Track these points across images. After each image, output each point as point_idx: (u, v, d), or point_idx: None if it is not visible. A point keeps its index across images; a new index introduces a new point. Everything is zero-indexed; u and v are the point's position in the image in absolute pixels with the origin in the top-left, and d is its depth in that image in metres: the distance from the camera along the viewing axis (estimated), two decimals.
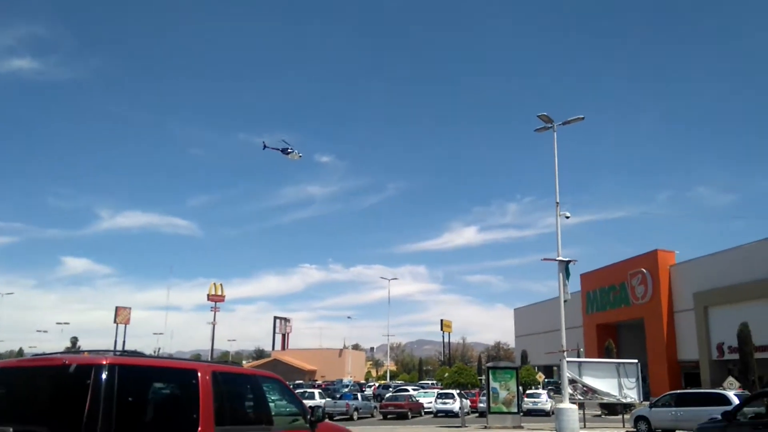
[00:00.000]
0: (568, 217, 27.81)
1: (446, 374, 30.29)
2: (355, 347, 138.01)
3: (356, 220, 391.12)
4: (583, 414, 28.05)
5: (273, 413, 6.63)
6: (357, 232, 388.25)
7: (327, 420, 8.15)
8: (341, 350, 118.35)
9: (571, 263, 27.11)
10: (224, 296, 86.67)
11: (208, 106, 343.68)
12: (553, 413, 27.73)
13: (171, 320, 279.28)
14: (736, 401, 22.68)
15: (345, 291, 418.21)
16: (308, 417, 7.18)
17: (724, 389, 26.30)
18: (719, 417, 13.52)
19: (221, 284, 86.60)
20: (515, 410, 27.26)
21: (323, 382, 73.96)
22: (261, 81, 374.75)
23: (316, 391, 38.73)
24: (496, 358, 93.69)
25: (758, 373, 34.33)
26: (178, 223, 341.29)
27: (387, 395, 41.65)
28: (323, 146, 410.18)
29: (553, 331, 27.21)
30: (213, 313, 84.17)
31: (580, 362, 29.41)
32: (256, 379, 6.60)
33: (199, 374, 5.60)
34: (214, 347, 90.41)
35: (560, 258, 26.79)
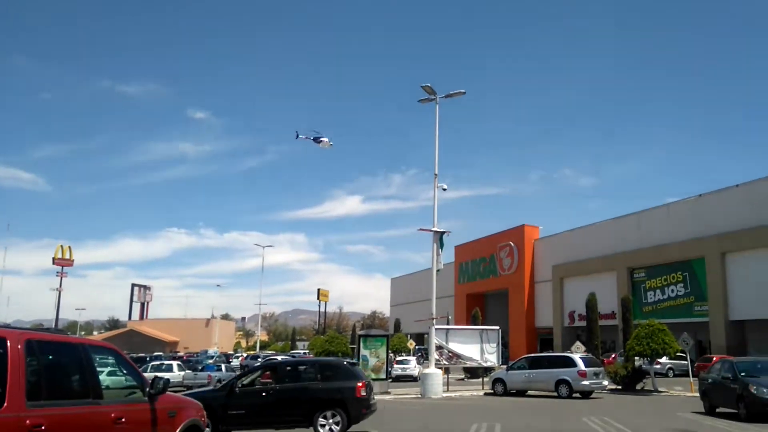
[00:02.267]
0: (445, 189, 28.96)
1: (318, 343, 30.44)
2: (225, 317, 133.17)
3: (233, 183, 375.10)
4: (447, 378, 29.42)
5: (104, 386, 6.25)
6: (233, 196, 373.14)
7: (170, 392, 7.79)
8: (208, 320, 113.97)
9: (446, 234, 28.22)
10: (73, 260, 78.26)
11: (65, 43, 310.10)
12: (419, 378, 28.84)
13: (8, 285, 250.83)
14: (581, 363, 24.82)
15: (217, 258, 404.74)
16: (147, 389, 6.86)
17: (572, 353, 28.52)
18: (218, 386, 14.57)
19: (69, 247, 77.79)
20: (383, 377, 27.97)
21: (185, 353, 71.18)
22: (130, 21, 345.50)
23: (175, 363, 36.98)
24: (370, 327, 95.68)
25: (601, 338, 37.54)
26: (20, 176, 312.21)
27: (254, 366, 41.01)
28: (198, 100, 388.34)
29: (426, 300, 28.20)
30: (59, 278, 76.79)
31: (447, 329, 30.75)
32: (83, 348, 6.04)
33: (8, 343, 4.98)
34: (60, 317, 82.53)
35: (435, 229, 27.72)
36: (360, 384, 12.94)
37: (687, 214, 42.95)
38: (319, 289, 69.51)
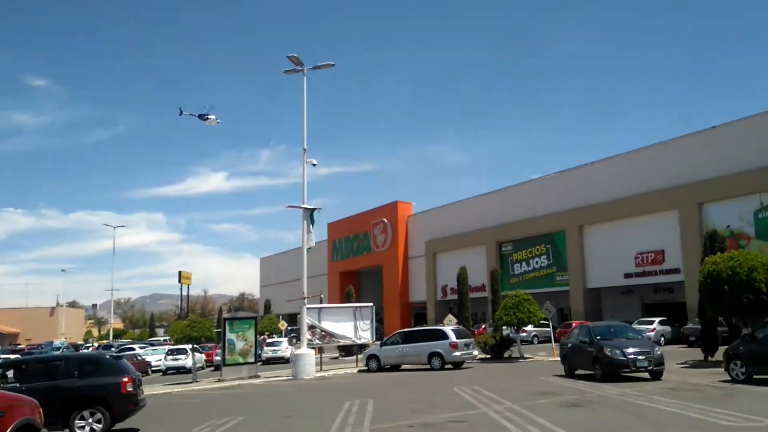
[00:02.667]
0: (315, 165, 28.19)
1: (178, 329, 28.63)
2: (72, 305, 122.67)
3: (78, 158, 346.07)
4: (320, 358, 28.98)
5: None
6: (79, 172, 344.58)
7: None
8: (53, 308, 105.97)
9: (316, 211, 27.53)
10: None
11: None
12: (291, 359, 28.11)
13: None
14: (452, 335, 25.16)
15: (61, 240, 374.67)
16: None
17: (444, 325, 28.95)
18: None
19: None
20: (252, 360, 27.01)
21: (27, 346, 65.74)
22: None
23: (12, 357, 34.07)
24: (239, 309, 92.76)
25: (472, 310, 38.62)
26: None
27: None
28: (37, 66, 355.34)
29: (298, 280, 27.39)
30: None
31: (319, 308, 30.12)
32: None
33: None
34: None
35: (305, 206, 26.99)
36: (126, 379, 12.12)
37: (549, 190, 45.04)
38: (180, 272, 66.01)
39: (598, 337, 17.63)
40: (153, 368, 37.82)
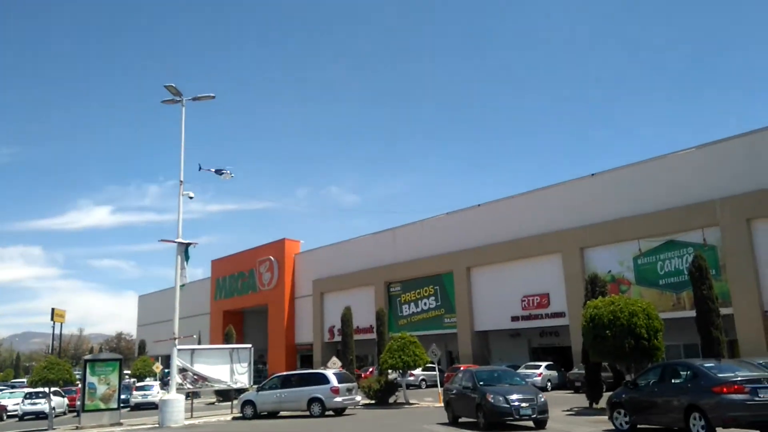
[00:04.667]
0: (191, 197, 26.92)
1: (36, 370, 26.10)
2: None
3: None
4: (192, 403, 26.94)
5: None
6: None
7: None
8: None
9: (191, 246, 26.03)
10: None
11: None
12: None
13: None
14: (333, 379, 23.79)
15: None
16: None
17: (326, 369, 27.53)
18: None
19: None
20: (114, 406, 24.56)
21: None
22: None
23: None
24: (115, 350, 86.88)
25: (360, 352, 37.40)
26: None
27: None
28: None
29: (179, 319, 25.56)
30: None
31: (192, 349, 27.91)
32: None
33: None
34: None
35: (180, 240, 25.48)
36: None
37: (438, 230, 45.08)
38: (53, 309, 61.01)
39: (481, 383, 16.85)
40: (9, 413, 34.71)
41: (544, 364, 33.35)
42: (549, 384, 31.71)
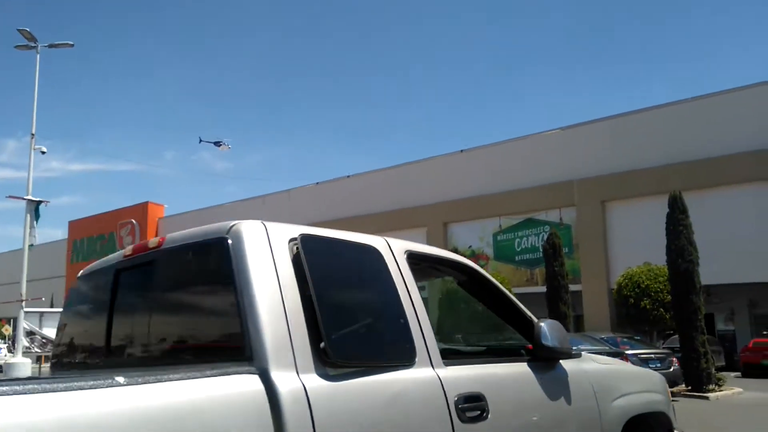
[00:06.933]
0: (43, 152, 26.50)
1: None
2: None
3: None
4: (40, 367, 25.55)
5: None
6: None
7: None
8: None
9: (43, 204, 25.16)
10: None
11: None
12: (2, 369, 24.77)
13: None
14: None
15: None
16: None
17: None
18: None
19: None
20: None
21: None
22: None
23: None
24: None
25: None
26: None
27: None
28: None
29: (31, 281, 24.34)
30: None
31: (42, 312, 27.74)
32: None
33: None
34: None
35: (29, 197, 24.37)
36: None
37: (306, 200, 44.90)
38: None
39: None
40: None
41: None
42: None
